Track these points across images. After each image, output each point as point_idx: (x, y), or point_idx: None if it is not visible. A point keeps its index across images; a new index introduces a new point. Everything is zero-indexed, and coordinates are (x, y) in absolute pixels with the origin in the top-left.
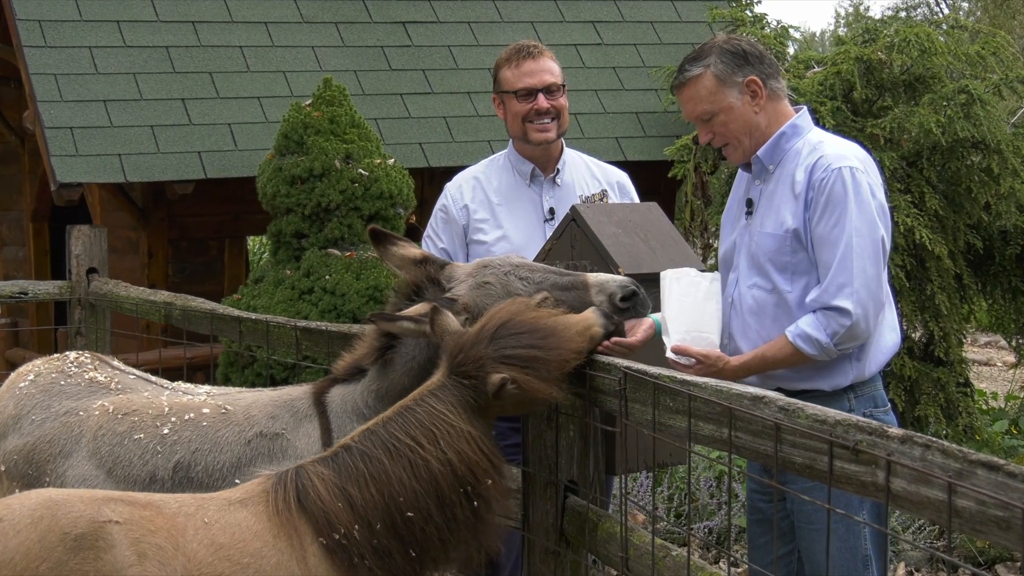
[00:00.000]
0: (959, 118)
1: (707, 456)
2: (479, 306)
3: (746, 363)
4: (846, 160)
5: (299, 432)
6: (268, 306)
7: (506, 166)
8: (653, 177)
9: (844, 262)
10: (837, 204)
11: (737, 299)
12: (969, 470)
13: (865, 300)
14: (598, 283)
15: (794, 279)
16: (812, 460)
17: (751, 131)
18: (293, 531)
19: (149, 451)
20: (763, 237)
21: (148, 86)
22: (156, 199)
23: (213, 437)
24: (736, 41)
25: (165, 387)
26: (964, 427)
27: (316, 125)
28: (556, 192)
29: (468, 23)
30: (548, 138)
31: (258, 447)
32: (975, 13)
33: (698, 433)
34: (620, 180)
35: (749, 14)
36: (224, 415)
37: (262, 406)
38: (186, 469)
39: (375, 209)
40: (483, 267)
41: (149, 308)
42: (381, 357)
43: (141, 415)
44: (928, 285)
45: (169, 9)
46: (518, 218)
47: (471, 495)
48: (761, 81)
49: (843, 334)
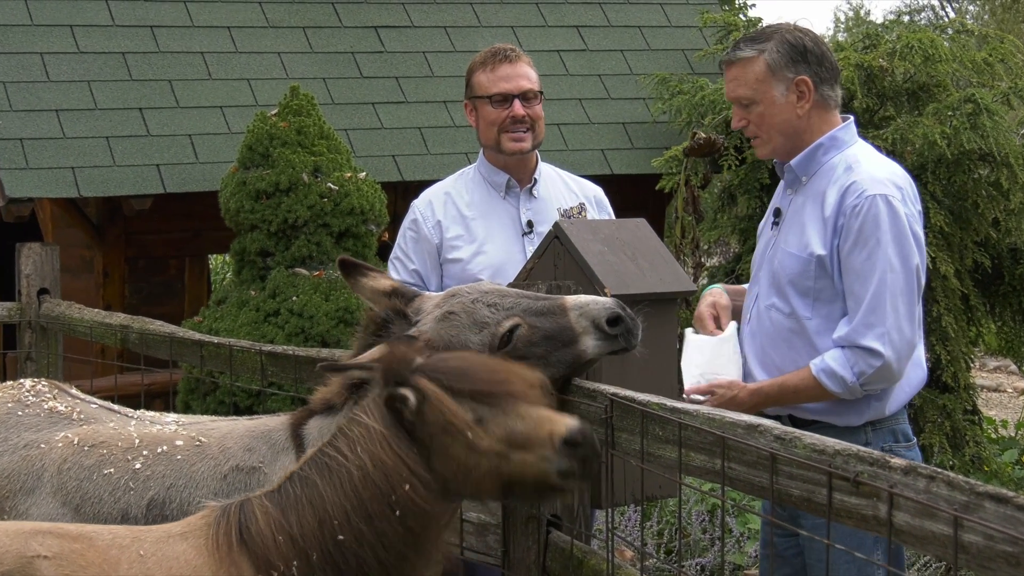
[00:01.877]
0: (965, 129)
1: (699, 488)
2: (443, 339)
3: (763, 389)
4: (882, 187)
5: (276, 466)
6: (231, 329)
7: (477, 179)
8: (641, 192)
9: (876, 299)
10: (870, 235)
11: (755, 318)
12: (976, 503)
13: (897, 342)
14: (578, 306)
15: (816, 306)
16: (810, 492)
17: (787, 132)
18: (233, 567)
19: (121, 487)
20: (786, 256)
21: (103, 95)
22: (112, 215)
23: (188, 472)
24: (801, 35)
25: (131, 416)
26: (971, 457)
27: (282, 136)
28: (533, 204)
29: (444, 28)
30: (523, 148)
31: (235, 481)
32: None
33: (689, 464)
34: (596, 194)
35: (743, 18)
36: (199, 448)
37: (238, 437)
38: (161, 506)
39: (345, 226)
40: (450, 296)
41: (104, 331)
42: (353, 394)
43: (110, 447)
44: (934, 306)
45: (126, 13)
46: (494, 232)
47: (393, 504)
48: (813, 84)
49: (871, 375)
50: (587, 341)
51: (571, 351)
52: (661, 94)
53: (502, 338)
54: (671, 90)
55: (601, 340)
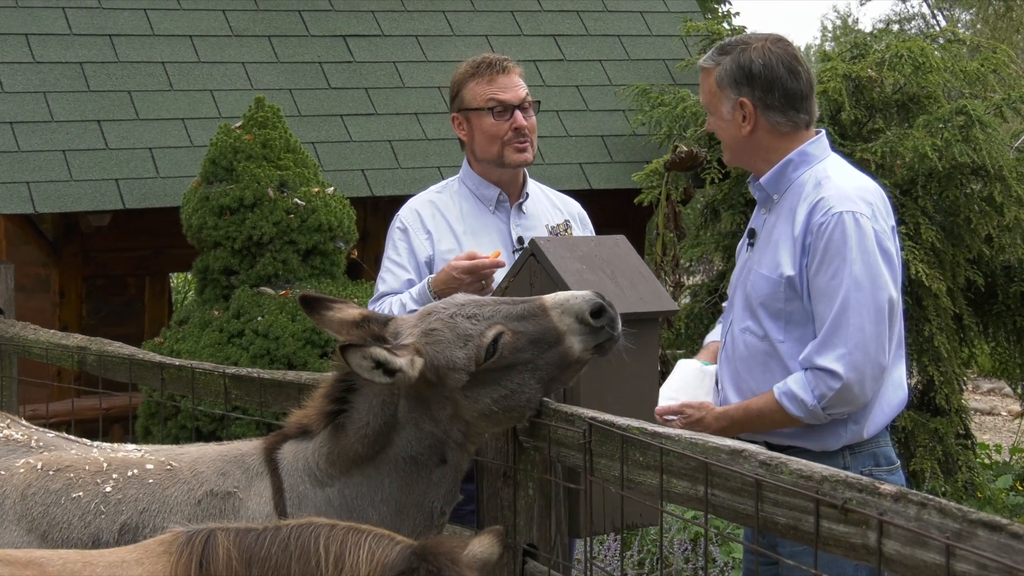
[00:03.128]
0: (957, 142)
1: (681, 516)
2: (430, 356)
3: (728, 413)
4: (850, 203)
5: (251, 491)
6: (194, 350)
7: (463, 192)
8: (621, 207)
9: (839, 319)
10: (836, 254)
11: (729, 343)
12: (969, 531)
13: (860, 363)
14: (557, 303)
15: (788, 328)
16: (797, 520)
17: (736, 149)
18: None
19: (91, 511)
20: (758, 278)
21: (60, 106)
22: (69, 232)
23: (161, 496)
24: (753, 57)
25: (91, 445)
26: (964, 483)
27: (247, 149)
28: (523, 220)
29: (416, 36)
30: (527, 159)
31: (209, 507)
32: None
33: (671, 491)
34: (580, 212)
35: (727, 27)
36: (170, 472)
37: (210, 462)
38: (134, 531)
39: (313, 243)
40: (427, 315)
41: (61, 353)
42: (331, 422)
43: (77, 471)
44: (925, 326)
45: (83, 21)
46: (485, 248)
47: None
48: (754, 107)
49: (832, 398)
50: (572, 338)
51: (558, 351)
52: (641, 106)
53: (487, 349)
54: (652, 102)
55: (586, 334)
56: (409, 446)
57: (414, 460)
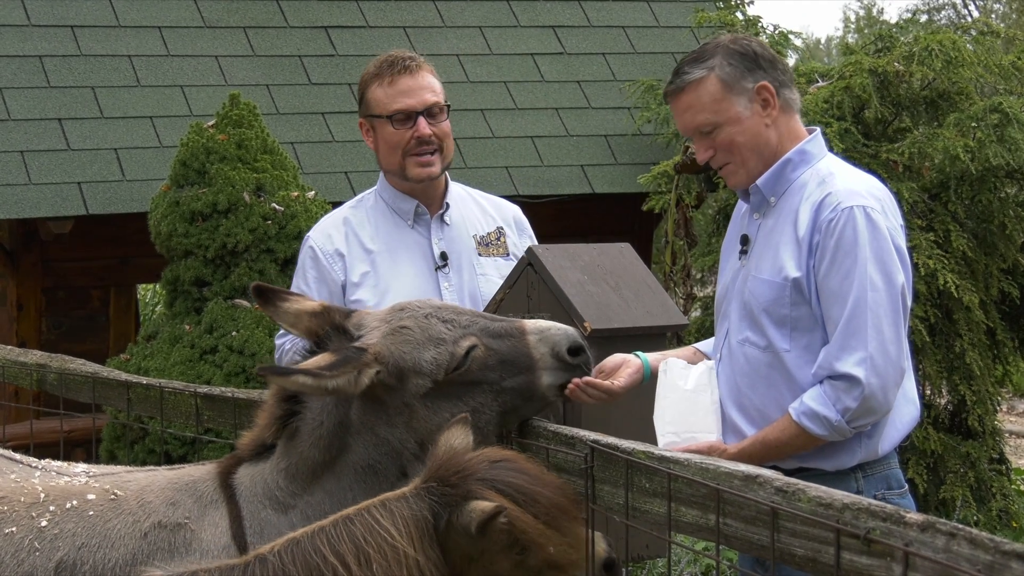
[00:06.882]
0: (991, 142)
1: (691, 548)
2: (395, 355)
3: (745, 450)
4: (859, 198)
5: (204, 521)
6: (163, 368)
7: (379, 207)
8: (626, 213)
9: (855, 321)
10: (848, 252)
11: (727, 357)
12: (1002, 563)
13: (881, 367)
14: (537, 330)
15: (793, 336)
16: (816, 552)
17: (760, 149)
18: None
19: (24, 548)
20: (758, 284)
21: (17, 103)
22: (27, 240)
23: (103, 529)
24: (745, 41)
25: (35, 467)
26: (998, 512)
27: (221, 150)
28: (446, 233)
29: (404, 28)
30: (431, 173)
31: (157, 540)
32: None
33: (680, 520)
34: (516, 216)
35: (740, 17)
36: (114, 502)
37: (159, 490)
38: (71, 569)
39: (292, 251)
40: (399, 311)
41: (18, 371)
42: (284, 428)
43: (11, 503)
44: (956, 341)
45: (43, 11)
46: (403, 269)
47: None
48: (774, 89)
49: (856, 409)
50: (543, 371)
51: (525, 378)
52: (648, 103)
53: (460, 359)
54: (659, 98)
55: (558, 370)
56: (367, 453)
57: (373, 470)
